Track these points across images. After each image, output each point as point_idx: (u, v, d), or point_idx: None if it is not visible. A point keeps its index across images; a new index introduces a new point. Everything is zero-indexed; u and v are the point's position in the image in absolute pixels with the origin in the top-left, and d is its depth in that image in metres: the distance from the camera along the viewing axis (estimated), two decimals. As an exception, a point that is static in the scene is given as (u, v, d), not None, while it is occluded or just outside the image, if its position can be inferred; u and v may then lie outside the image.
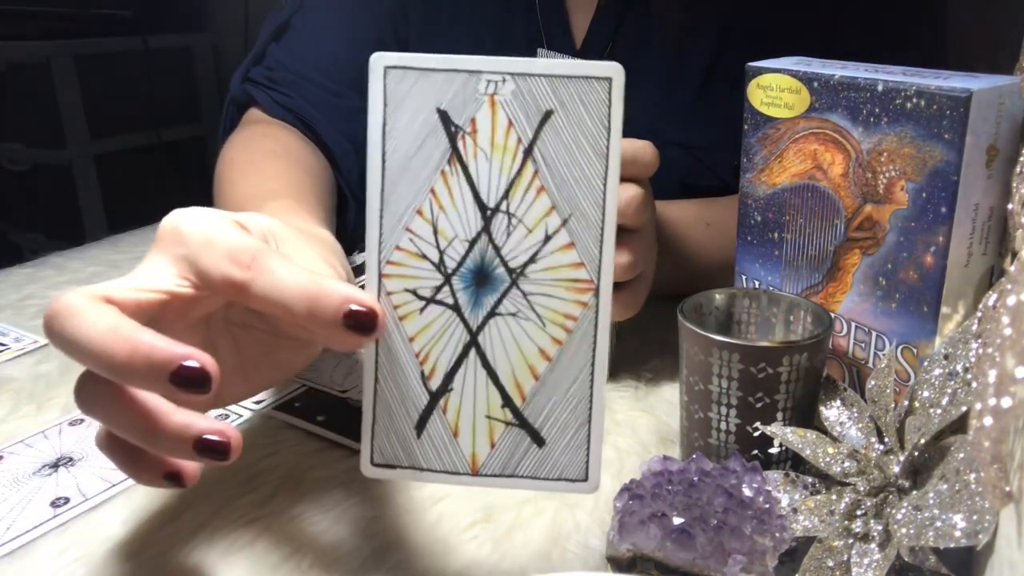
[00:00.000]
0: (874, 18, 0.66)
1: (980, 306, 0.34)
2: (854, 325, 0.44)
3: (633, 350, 0.56)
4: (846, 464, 0.37)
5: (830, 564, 0.34)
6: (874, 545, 0.34)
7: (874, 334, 0.43)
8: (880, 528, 0.34)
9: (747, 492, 0.35)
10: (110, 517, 0.40)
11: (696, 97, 0.69)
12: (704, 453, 0.39)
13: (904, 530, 0.32)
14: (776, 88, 0.45)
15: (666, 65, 0.69)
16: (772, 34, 0.64)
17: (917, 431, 0.35)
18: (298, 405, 0.50)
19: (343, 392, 0.51)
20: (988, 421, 0.25)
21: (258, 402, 0.51)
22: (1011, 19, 0.68)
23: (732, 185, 0.54)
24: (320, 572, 0.37)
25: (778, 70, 0.45)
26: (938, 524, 0.31)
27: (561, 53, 0.53)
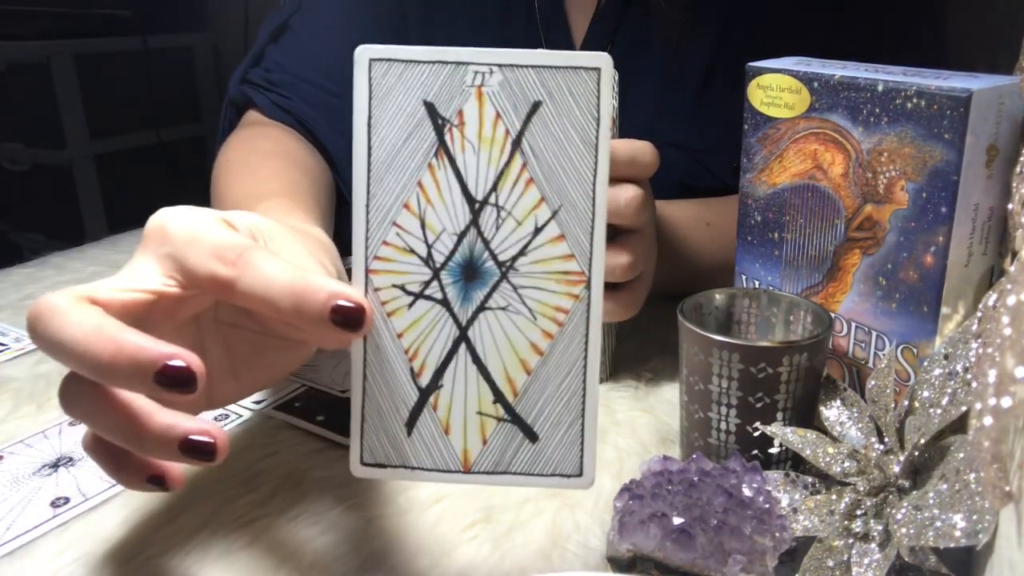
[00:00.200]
0: (874, 18, 0.66)
1: (980, 306, 0.34)
2: (854, 325, 0.44)
3: (633, 350, 0.56)
4: (846, 464, 0.37)
5: (830, 564, 0.34)
6: (874, 545, 0.34)
7: (874, 334, 0.43)
8: (880, 528, 0.34)
9: (747, 492, 0.35)
10: (110, 517, 0.40)
11: (695, 98, 0.69)
12: (704, 453, 0.39)
13: (904, 530, 0.32)
14: (776, 88, 0.45)
15: (665, 66, 0.68)
16: (772, 34, 0.64)
17: (917, 431, 0.35)
18: (298, 405, 0.50)
19: (343, 392, 0.51)
20: (988, 421, 0.25)
21: (258, 402, 0.51)
22: (1011, 19, 0.68)
23: (731, 186, 0.54)
24: (320, 572, 0.37)
25: (778, 70, 0.45)
26: (938, 524, 0.31)
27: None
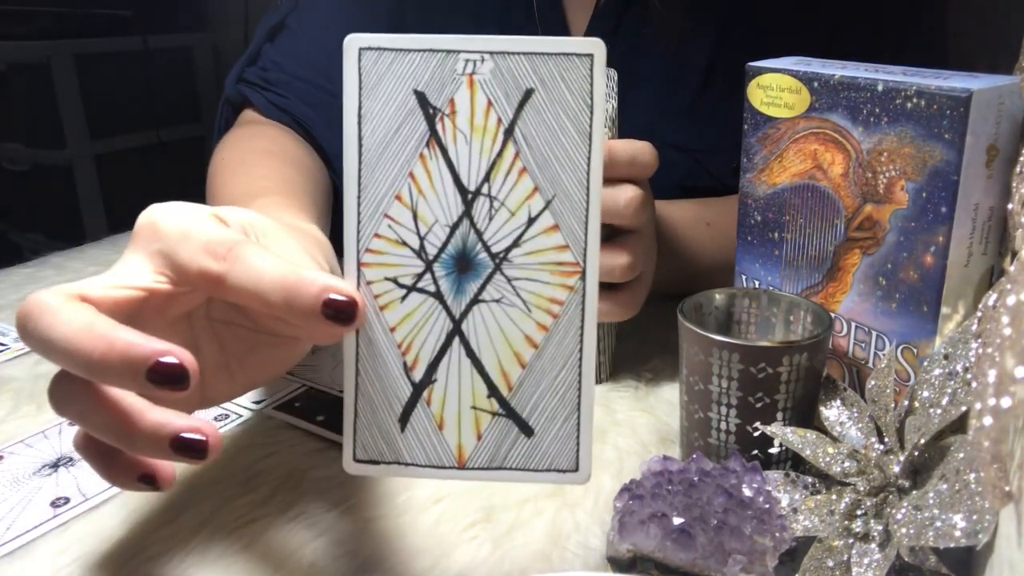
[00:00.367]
0: (874, 18, 0.66)
1: (980, 306, 0.34)
2: (854, 325, 0.44)
3: (633, 350, 0.56)
4: (846, 464, 0.37)
5: (830, 564, 0.34)
6: (874, 545, 0.34)
7: (874, 334, 0.43)
8: (880, 528, 0.34)
9: (747, 492, 0.35)
10: (110, 517, 0.40)
11: (695, 98, 0.69)
12: (704, 453, 0.39)
13: (904, 530, 0.32)
14: (776, 88, 0.45)
15: (665, 66, 0.68)
16: (772, 34, 0.64)
17: (917, 431, 0.35)
18: (298, 405, 0.50)
19: (342, 392, 0.51)
20: (988, 421, 0.25)
21: (258, 402, 0.51)
22: (1011, 19, 0.68)
23: (731, 187, 0.54)
24: (320, 572, 0.37)
25: (778, 70, 0.45)
26: (938, 524, 0.31)
27: None
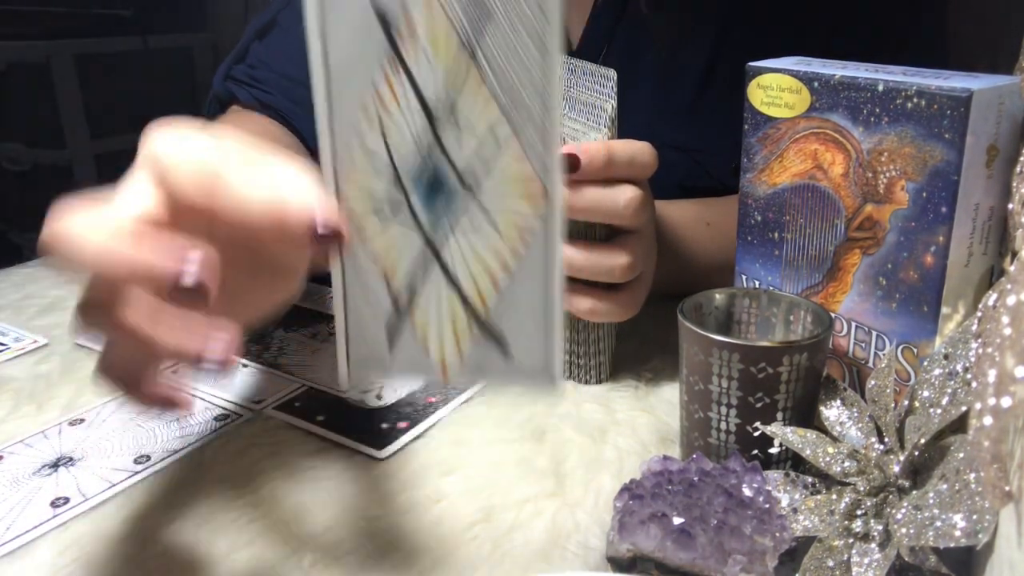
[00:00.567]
0: (874, 18, 0.66)
1: (980, 306, 0.34)
2: (854, 325, 0.44)
3: (633, 350, 0.56)
4: (846, 464, 0.37)
5: (830, 564, 0.34)
6: (874, 545, 0.34)
7: (874, 334, 0.43)
8: (880, 528, 0.34)
9: (747, 492, 0.35)
10: (110, 517, 0.40)
11: (695, 98, 0.69)
12: (704, 453, 0.39)
13: (904, 530, 0.32)
14: (776, 88, 0.45)
15: (664, 67, 0.68)
16: (771, 34, 0.64)
17: (917, 431, 0.35)
18: (298, 405, 0.50)
19: (343, 392, 0.51)
20: (988, 421, 0.25)
21: (258, 402, 0.51)
22: (1011, 19, 0.68)
23: (730, 187, 0.54)
24: (320, 572, 0.37)
25: (778, 70, 0.45)
26: (938, 524, 0.31)
27: None
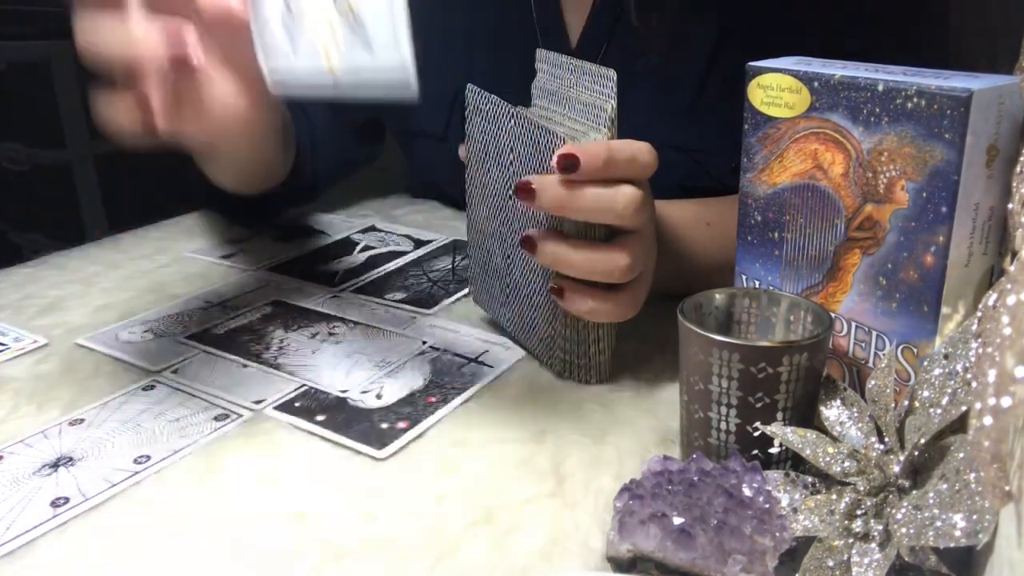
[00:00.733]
0: (874, 18, 0.66)
1: (980, 306, 0.34)
2: (854, 325, 0.44)
3: (633, 350, 0.56)
4: (846, 464, 0.37)
5: (830, 564, 0.34)
6: (874, 545, 0.34)
7: (874, 334, 0.43)
8: (880, 528, 0.34)
9: (747, 492, 0.35)
10: (110, 517, 0.40)
11: (695, 98, 0.69)
12: (704, 453, 0.39)
13: (904, 530, 0.32)
14: (776, 88, 0.45)
15: (664, 66, 0.68)
16: (771, 34, 0.64)
17: (917, 431, 0.35)
18: (298, 405, 0.50)
19: (343, 392, 0.51)
20: (988, 421, 0.25)
21: (258, 402, 0.51)
22: (1011, 19, 0.68)
23: (730, 187, 0.54)
24: (320, 572, 0.37)
25: (778, 70, 0.45)
26: (938, 524, 0.31)
27: (558, 53, 0.53)
